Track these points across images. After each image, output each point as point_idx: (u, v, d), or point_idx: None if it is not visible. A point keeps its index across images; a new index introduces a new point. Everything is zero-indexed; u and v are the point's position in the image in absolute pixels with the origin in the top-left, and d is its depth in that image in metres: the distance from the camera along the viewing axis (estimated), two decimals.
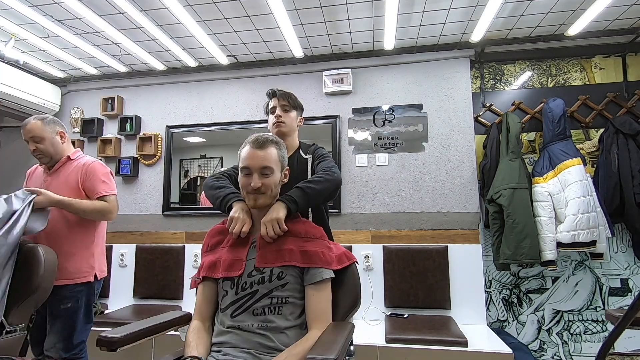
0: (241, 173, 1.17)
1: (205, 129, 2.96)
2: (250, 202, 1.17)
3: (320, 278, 1.10)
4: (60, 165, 1.73)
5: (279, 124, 1.54)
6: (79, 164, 1.73)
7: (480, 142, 2.62)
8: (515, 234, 2.22)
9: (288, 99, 1.56)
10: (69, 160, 1.75)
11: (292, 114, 1.57)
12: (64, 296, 1.59)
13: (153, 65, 2.89)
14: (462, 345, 1.91)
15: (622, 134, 2.30)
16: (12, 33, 2.41)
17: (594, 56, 2.56)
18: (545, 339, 2.43)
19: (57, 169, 1.73)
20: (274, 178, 1.16)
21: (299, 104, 1.61)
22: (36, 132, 1.67)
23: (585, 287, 2.41)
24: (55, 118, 1.78)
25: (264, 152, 1.15)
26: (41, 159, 1.71)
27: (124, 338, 1.00)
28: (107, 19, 2.27)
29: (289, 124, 1.54)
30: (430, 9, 2.22)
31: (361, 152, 2.71)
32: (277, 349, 1.03)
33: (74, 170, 1.71)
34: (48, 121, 1.72)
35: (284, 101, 1.56)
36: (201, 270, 1.20)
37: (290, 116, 1.56)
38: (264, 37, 2.51)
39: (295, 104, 1.59)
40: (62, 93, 3.19)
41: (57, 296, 1.57)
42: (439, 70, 2.68)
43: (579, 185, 2.17)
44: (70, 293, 1.60)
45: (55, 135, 1.72)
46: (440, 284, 2.41)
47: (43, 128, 1.68)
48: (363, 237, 2.61)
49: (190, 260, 2.78)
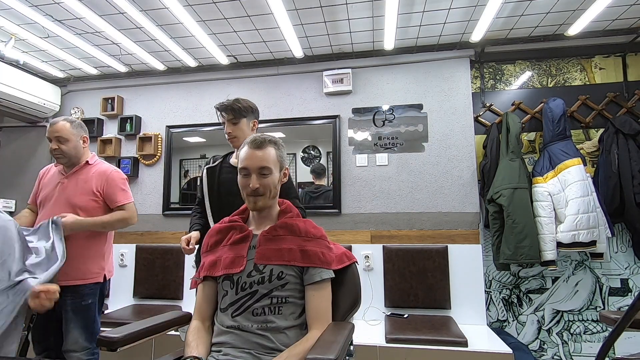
0: (240, 174, 1.17)
1: (205, 129, 2.96)
2: (250, 205, 1.18)
3: (320, 278, 1.10)
4: (78, 168, 1.78)
5: (230, 139, 1.63)
6: (99, 170, 1.79)
7: (480, 142, 2.62)
8: (515, 234, 2.22)
9: (232, 112, 1.61)
10: (87, 165, 1.80)
11: (242, 124, 1.63)
12: (84, 294, 1.68)
13: (153, 65, 2.89)
14: (462, 345, 1.91)
15: (622, 134, 2.30)
16: (12, 33, 2.41)
17: (594, 56, 2.56)
18: (545, 339, 2.43)
19: (74, 172, 1.77)
20: (272, 178, 1.15)
21: (247, 109, 1.64)
22: (64, 132, 1.72)
23: (585, 287, 2.41)
24: (82, 123, 1.84)
25: (262, 152, 1.14)
26: (59, 159, 1.75)
27: (124, 338, 1.01)
28: (107, 19, 2.27)
29: (240, 135, 1.61)
30: (430, 9, 2.22)
31: (361, 152, 2.71)
32: (277, 349, 1.03)
33: (93, 177, 1.76)
34: (76, 125, 1.78)
35: (230, 115, 1.62)
36: (201, 270, 1.20)
37: (240, 127, 1.62)
38: (264, 37, 2.51)
39: (242, 113, 1.62)
40: (62, 93, 3.19)
41: (78, 294, 1.65)
42: (439, 70, 2.68)
43: (579, 185, 2.17)
44: (89, 291, 1.69)
45: (79, 139, 1.78)
46: (440, 284, 2.41)
47: (71, 131, 1.74)
48: (363, 237, 2.61)
49: (190, 260, 2.77)
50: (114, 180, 1.78)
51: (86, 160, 1.80)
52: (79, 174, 1.77)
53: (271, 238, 1.15)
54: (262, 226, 1.20)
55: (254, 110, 1.70)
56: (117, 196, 1.76)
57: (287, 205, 1.26)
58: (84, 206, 1.70)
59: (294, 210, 1.25)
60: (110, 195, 1.76)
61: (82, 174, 1.77)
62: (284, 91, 2.87)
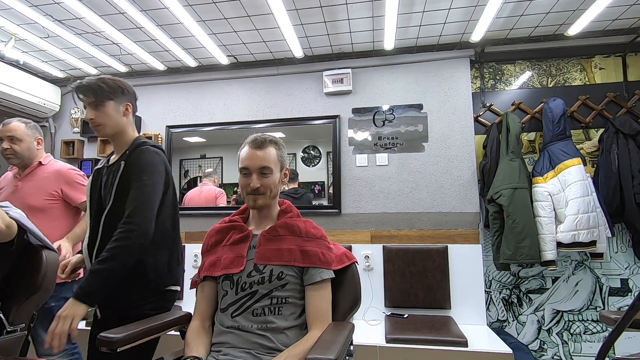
0: (240, 174, 1.17)
1: (205, 129, 2.96)
2: (249, 203, 1.18)
3: (320, 278, 1.10)
4: (31, 169, 1.78)
5: (94, 127, 1.26)
6: (53, 169, 1.78)
7: (480, 142, 2.62)
8: (515, 234, 2.22)
9: (93, 93, 1.24)
10: (40, 165, 1.80)
11: (108, 107, 1.25)
12: (71, 289, 1.68)
13: (153, 65, 2.89)
14: (462, 345, 1.91)
15: (622, 134, 2.30)
16: (12, 33, 2.41)
17: (594, 56, 2.56)
18: (545, 339, 2.43)
19: (28, 174, 1.77)
20: (273, 178, 1.16)
21: (114, 89, 1.27)
22: (17, 132, 1.73)
23: (585, 287, 2.41)
24: (37, 125, 1.84)
25: (262, 152, 1.15)
26: (11, 159, 1.75)
27: (124, 338, 1.00)
28: (107, 19, 2.27)
29: (107, 123, 1.25)
30: (430, 9, 2.21)
31: (361, 152, 2.71)
32: (277, 349, 1.03)
33: (49, 177, 1.76)
34: (31, 126, 1.79)
35: (90, 97, 1.24)
36: (201, 271, 1.20)
37: (106, 112, 1.25)
38: (264, 37, 2.51)
39: (107, 94, 1.25)
40: (62, 93, 3.19)
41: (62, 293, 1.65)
42: (439, 70, 2.68)
43: (579, 185, 2.17)
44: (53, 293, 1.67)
45: (33, 140, 1.79)
46: (440, 284, 2.41)
47: (25, 131, 1.75)
48: (363, 237, 2.61)
49: (190, 260, 2.78)
50: (72, 178, 1.78)
51: (39, 160, 1.79)
52: (32, 175, 1.77)
53: (271, 238, 1.15)
54: (262, 226, 1.20)
55: (124, 91, 1.31)
56: (78, 195, 1.76)
57: (287, 205, 1.26)
58: (40, 207, 1.70)
59: (294, 210, 1.25)
60: (71, 194, 1.76)
61: (36, 175, 1.77)
62: (284, 91, 2.87)
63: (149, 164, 1.21)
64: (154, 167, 1.22)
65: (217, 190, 2.91)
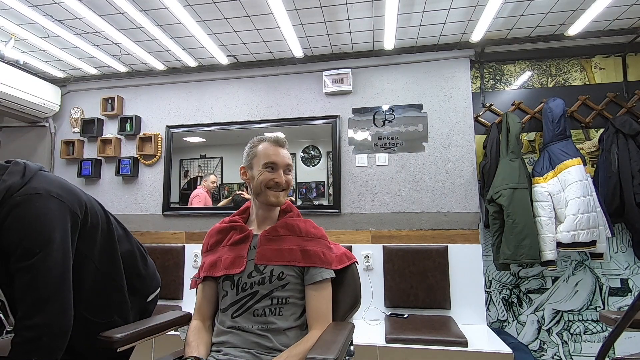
0: (263, 169, 1.17)
1: (205, 129, 2.96)
2: (271, 199, 1.16)
3: (321, 278, 1.10)
4: None
5: None
6: None
7: (480, 142, 2.62)
8: (515, 234, 2.22)
9: None
10: None
11: None
12: None
13: (153, 65, 2.89)
14: (462, 345, 1.91)
15: (622, 134, 2.29)
16: (12, 33, 2.41)
17: (594, 56, 2.56)
18: (545, 339, 2.43)
19: None
20: (291, 177, 1.22)
21: None
22: None
23: (585, 287, 2.41)
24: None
25: (285, 151, 1.21)
26: None
27: (124, 338, 1.00)
28: (107, 19, 2.27)
29: None
30: (430, 9, 2.22)
31: (361, 152, 2.71)
32: (277, 349, 1.03)
33: None
34: None
35: None
36: (201, 271, 1.20)
37: None
38: (264, 37, 2.51)
39: None
40: (62, 93, 3.18)
41: None
42: (439, 70, 2.68)
43: (579, 185, 2.17)
44: None
45: None
46: (440, 284, 2.41)
47: None
48: (363, 237, 2.61)
49: (190, 260, 2.78)
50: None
51: None
52: None
53: (271, 238, 1.15)
54: (263, 226, 1.20)
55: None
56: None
57: (288, 205, 1.26)
58: None
59: (295, 210, 1.25)
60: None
61: None
62: (284, 91, 2.87)
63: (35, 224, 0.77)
64: (45, 226, 0.79)
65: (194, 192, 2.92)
